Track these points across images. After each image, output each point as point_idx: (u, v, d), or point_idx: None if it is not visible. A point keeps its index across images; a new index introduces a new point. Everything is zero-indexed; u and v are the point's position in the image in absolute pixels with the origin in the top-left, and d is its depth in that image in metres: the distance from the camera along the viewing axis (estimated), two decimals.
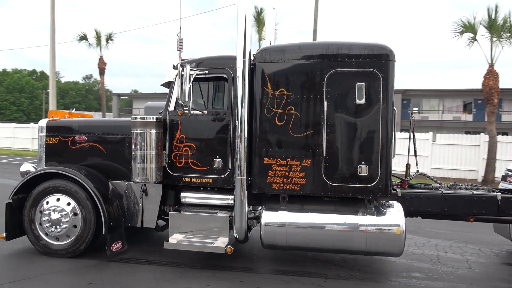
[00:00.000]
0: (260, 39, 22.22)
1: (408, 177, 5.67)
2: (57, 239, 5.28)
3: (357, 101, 4.67)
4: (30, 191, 5.40)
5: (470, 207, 5.20)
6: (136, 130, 5.07)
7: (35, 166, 5.81)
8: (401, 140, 16.54)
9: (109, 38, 27.70)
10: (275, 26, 7.12)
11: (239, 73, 4.84)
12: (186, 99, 4.82)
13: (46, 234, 5.31)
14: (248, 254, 5.86)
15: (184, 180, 5.32)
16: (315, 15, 18.30)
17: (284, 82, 4.85)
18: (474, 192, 5.29)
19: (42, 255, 5.35)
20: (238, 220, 4.93)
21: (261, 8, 21.42)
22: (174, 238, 5.15)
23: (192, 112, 5.12)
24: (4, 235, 5.32)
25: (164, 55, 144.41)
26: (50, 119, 6.08)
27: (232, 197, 5.17)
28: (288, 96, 4.83)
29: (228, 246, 4.89)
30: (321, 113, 4.75)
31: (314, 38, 18.28)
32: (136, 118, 5.13)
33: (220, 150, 5.17)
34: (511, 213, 5.16)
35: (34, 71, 78.79)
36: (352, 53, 4.72)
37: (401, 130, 21.53)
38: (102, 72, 27.61)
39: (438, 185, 5.76)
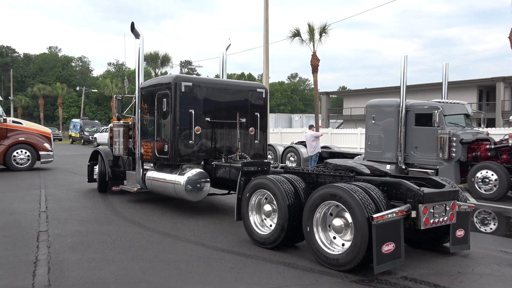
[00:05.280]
0: None
1: (232, 156, 8.38)
2: (98, 181, 11.08)
3: (164, 109, 8.21)
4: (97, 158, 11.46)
5: (229, 173, 7.62)
6: (114, 128, 10.20)
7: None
8: None
9: (322, 31, 24.69)
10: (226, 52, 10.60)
11: (136, 96, 9.23)
12: (118, 112, 9.66)
13: (93, 178, 11.21)
14: None
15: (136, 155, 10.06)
16: None
17: (145, 100, 8.90)
18: (232, 164, 7.64)
19: None
20: (137, 175, 9.28)
21: None
22: (125, 184, 10.00)
23: (132, 117, 9.88)
24: (87, 180, 11.57)
25: (375, 42, 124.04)
26: (112, 123, 12.04)
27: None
28: (147, 108, 8.85)
29: (133, 188, 9.34)
30: (155, 117, 8.54)
31: None
32: (114, 122, 10.27)
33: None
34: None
35: (242, 74, 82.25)
36: (163, 82, 8.32)
37: None
38: (315, 69, 25.21)
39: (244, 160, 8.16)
